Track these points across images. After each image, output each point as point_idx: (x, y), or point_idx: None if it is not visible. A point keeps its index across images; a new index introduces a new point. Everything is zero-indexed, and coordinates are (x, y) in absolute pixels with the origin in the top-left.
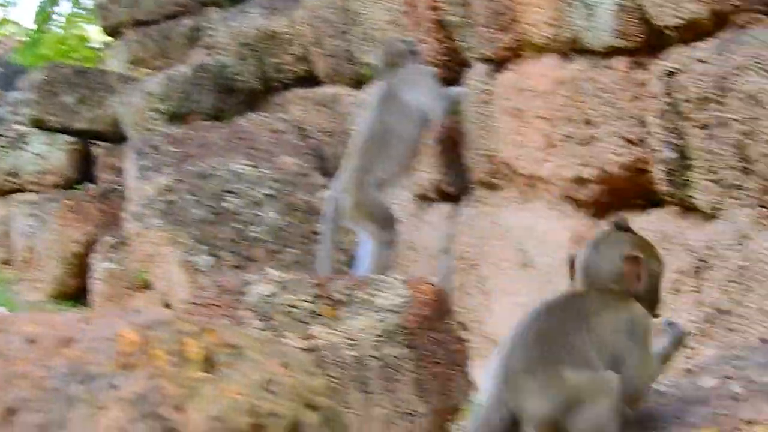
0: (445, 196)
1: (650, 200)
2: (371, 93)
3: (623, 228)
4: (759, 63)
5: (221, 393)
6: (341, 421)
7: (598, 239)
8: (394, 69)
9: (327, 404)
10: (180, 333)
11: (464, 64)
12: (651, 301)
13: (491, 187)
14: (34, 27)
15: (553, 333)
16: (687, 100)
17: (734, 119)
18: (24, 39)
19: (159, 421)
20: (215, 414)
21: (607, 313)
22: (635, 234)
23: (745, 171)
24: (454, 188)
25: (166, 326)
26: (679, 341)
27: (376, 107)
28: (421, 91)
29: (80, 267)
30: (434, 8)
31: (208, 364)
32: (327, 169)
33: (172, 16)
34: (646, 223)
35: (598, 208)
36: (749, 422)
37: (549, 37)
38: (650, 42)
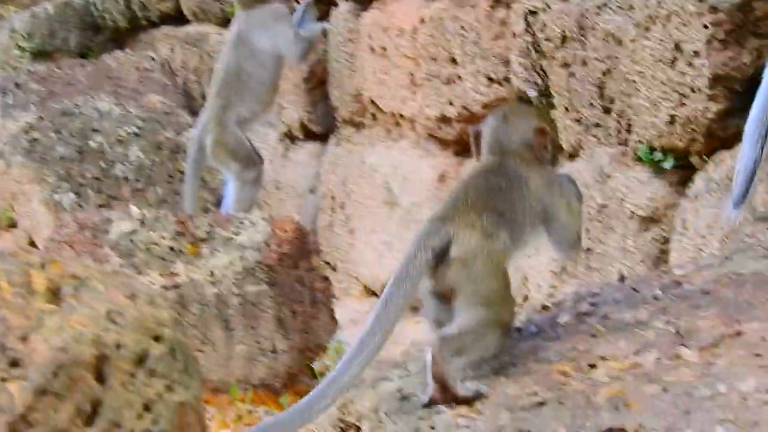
0: (312, 135)
1: None
2: (228, 32)
3: (525, 101)
4: (618, 1)
5: (66, 324)
6: (187, 352)
7: (506, 114)
8: (250, 8)
9: (173, 336)
10: (25, 265)
11: (332, 2)
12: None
13: (357, 125)
14: None
15: (494, 192)
16: (548, 39)
17: (595, 58)
18: None
19: (3, 351)
20: (60, 345)
21: (534, 176)
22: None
23: (606, 110)
24: (321, 127)
25: (11, 258)
26: (579, 192)
27: (230, 48)
28: (274, 34)
29: None
30: None
31: (53, 295)
32: (194, 108)
33: None
34: None
35: (463, 147)
36: (604, 358)
37: None
38: None
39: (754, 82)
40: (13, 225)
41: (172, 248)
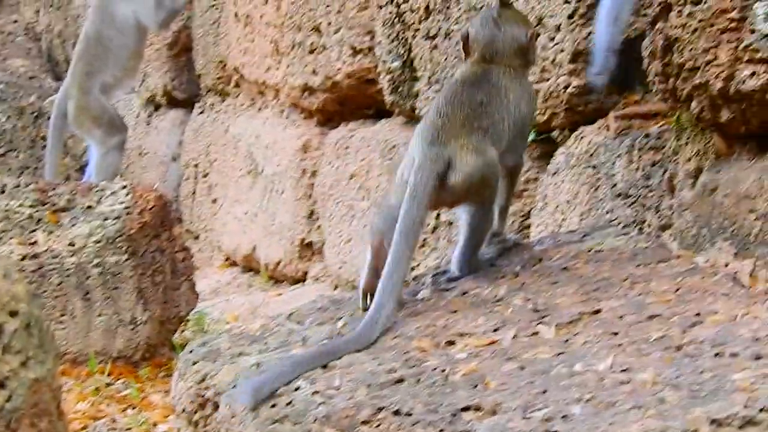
0: (176, 103)
1: (378, 110)
2: None
3: (508, 5)
4: None
5: None
6: (43, 327)
7: (495, 17)
8: None
9: (28, 311)
10: None
11: None
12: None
13: (222, 93)
14: None
15: (475, 104)
16: (412, 10)
17: (458, 30)
18: None
19: None
20: None
21: (514, 86)
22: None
23: None
24: (185, 94)
25: None
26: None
27: (93, 13)
28: (135, 2)
29: None
30: None
31: None
32: (58, 73)
33: None
34: (372, 132)
35: (326, 117)
36: (462, 334)
37: None
38: None
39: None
40: None
41: (31, 216)
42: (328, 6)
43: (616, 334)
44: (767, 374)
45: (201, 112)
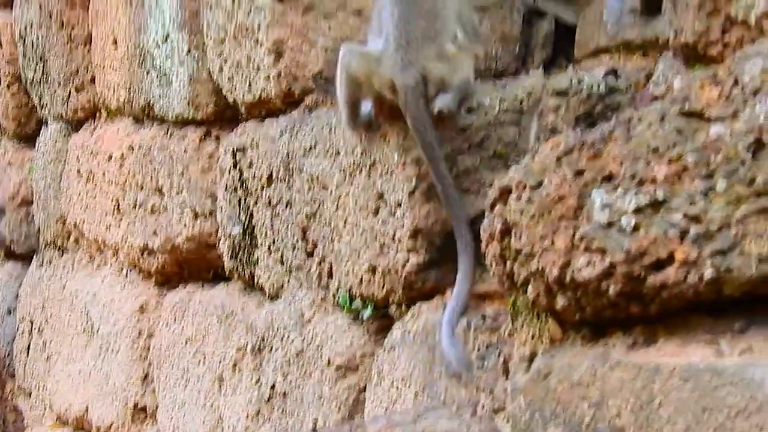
0: (14, 255)
1: (217, 274)
2: None
3: None
4: (323, 145)
5: None
6: None
7: None
8: None
9: None
10: None
11: (42, 122)
12: None
13: (61, 249)
14: None
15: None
16: (255, 177)
17: (299, 200)
18: None
19: None
20: None
21: None
22: None
23: (309, 253)
24: (23, 248)
25: None
26: None
27: None
28: None
29: None
30: (12, 62)
31: None
32: None
33: None
34: (210, 296)
35: (165, 279)
36: None
37: (124, 102)
38: (223, 115)
39: (453, 237)
40: None
41: None
42: (170, 167)
43: None
44: None
45: (39, 267)
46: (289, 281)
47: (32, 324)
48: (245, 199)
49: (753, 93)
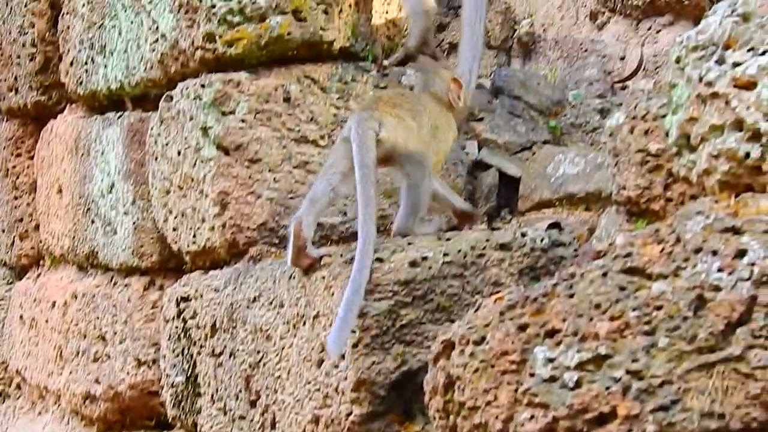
0: None
1: (160, 422)
2: None
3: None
4: (267, 296)
5: None
6: None
7: (432, 69)
8: None
9: None
10: None
11: None
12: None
13: (2, 395)
14: None
15: (404, 97)
16: (199, 327)
17: (243, 350)
18: None
19: None
20: None
21: (437, 108)
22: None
23: (252, 403)
24: None
25: None
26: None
27: None
28: None
29: None
30: None
31: None
32: None
33: None
34: None
35: (107, 426)
36: None
37: (68, 250)
38: (168, 264)
39: (397, 387)
40: None
41: None
42: (114, 315)
43: None
44: None
45: None
46: (232, 431)
47: None
48: (189, 348)
49: (695, 251)
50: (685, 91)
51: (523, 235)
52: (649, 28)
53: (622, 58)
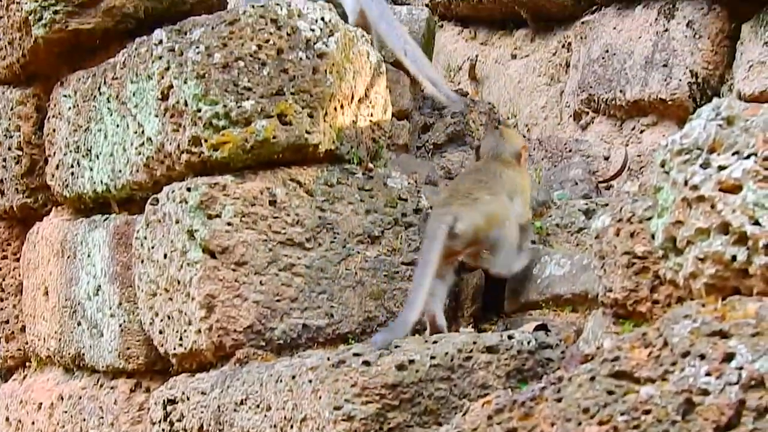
0: None
1: None
2: None
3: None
4: (254, 399)
5: None
6: None
7: (498, 133)
8: None
9: None
10: None
11: None
12: None
13: None
14: None
15: (477, 180)
16: (186, 430)
17: None
18: None
19: None
20: None
21: (509, 171)
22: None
23: None
24: None
25: None
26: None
27: None
28: None
29: None
30: None
31: None
32: None
33: None
34: None
35: None
36: None
37: (54, 352)
38: (154, 367)
39: None
40: None
41: None
42: (101, 418)
43: None
44: None
45: None
46: None
47: None
48: None
49: (682, 355)
50: (670, 194)
51: (510, 337)
52: (633, 128)
53: (607, 158)
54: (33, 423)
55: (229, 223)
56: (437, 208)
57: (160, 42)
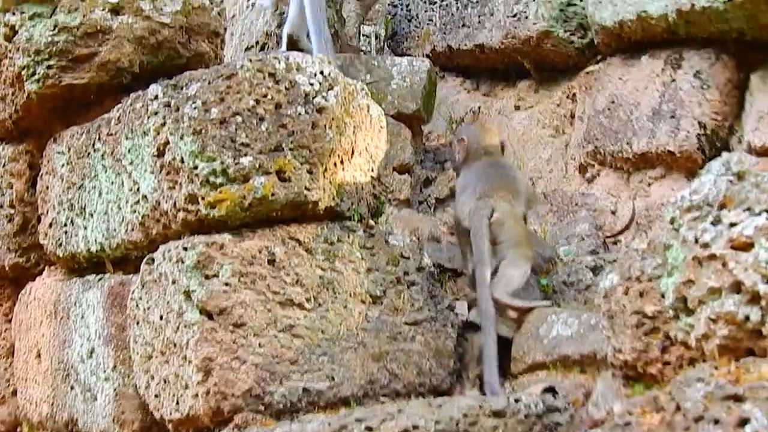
0: None
1: None
2: None
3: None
4: None
5: None
6: None
7: (480, 126)
8: None
9: None
10: None
11: None
12: None
13: None
14: None
15: (501, 173)
16: None
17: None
18: None
19: None
20: None
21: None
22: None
23: None
24: None
25: None
26: None
27: None
28: None
29: None
30: None
31: None
32: None
33: None
34: None
35: None
36: None
37: (46, 417)
38: (149, 431)
39: None
40: None
41: None
42: None
43: None
44: None
45: None
46: None
47: None
48: None
49: (695, 420)
50: (680, 252)
51: (517, 400)
52: (641, 181)
53: (614, 212)
54: None
55: (226, 283)
56: (477, 200)
57: (156, 97)
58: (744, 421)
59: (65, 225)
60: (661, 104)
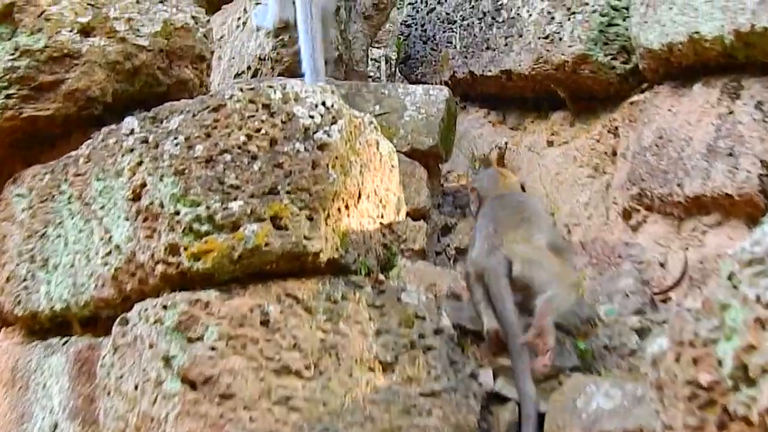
0: None
1: None
2: None
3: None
4: None
5: None
6: None
7: (495, 173)
8: None
9: None
10: None
11: None
12: None
13: None
14: None
15: (513, 210)
16: None
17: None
18: None
19: None
20: None
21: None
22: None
23: None
24: None
25: None
26: None
27: None
28: None
29: None
30: None
31: None
32: None
33: None
34: None
35: None
36: None
37: None
38: None
39: None
40: None
41: None
42: None
43: None
44: None
45: None
46: None
47: None
48: None
49: None
50: (740, 313)
51: None
52: (694, 230)
53: (662, 265)
54: None
55: (212, 348)
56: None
57: (132, 131)
58: None
59: (25, 279)
60: (716, 140)
